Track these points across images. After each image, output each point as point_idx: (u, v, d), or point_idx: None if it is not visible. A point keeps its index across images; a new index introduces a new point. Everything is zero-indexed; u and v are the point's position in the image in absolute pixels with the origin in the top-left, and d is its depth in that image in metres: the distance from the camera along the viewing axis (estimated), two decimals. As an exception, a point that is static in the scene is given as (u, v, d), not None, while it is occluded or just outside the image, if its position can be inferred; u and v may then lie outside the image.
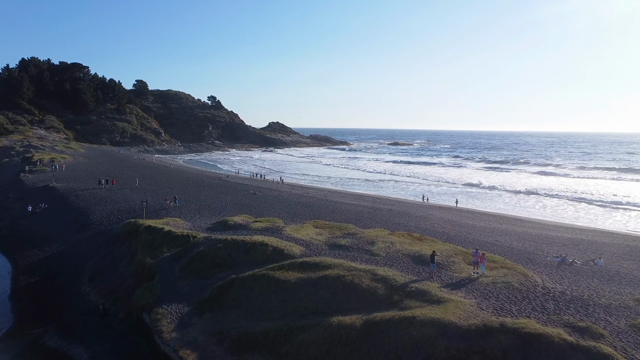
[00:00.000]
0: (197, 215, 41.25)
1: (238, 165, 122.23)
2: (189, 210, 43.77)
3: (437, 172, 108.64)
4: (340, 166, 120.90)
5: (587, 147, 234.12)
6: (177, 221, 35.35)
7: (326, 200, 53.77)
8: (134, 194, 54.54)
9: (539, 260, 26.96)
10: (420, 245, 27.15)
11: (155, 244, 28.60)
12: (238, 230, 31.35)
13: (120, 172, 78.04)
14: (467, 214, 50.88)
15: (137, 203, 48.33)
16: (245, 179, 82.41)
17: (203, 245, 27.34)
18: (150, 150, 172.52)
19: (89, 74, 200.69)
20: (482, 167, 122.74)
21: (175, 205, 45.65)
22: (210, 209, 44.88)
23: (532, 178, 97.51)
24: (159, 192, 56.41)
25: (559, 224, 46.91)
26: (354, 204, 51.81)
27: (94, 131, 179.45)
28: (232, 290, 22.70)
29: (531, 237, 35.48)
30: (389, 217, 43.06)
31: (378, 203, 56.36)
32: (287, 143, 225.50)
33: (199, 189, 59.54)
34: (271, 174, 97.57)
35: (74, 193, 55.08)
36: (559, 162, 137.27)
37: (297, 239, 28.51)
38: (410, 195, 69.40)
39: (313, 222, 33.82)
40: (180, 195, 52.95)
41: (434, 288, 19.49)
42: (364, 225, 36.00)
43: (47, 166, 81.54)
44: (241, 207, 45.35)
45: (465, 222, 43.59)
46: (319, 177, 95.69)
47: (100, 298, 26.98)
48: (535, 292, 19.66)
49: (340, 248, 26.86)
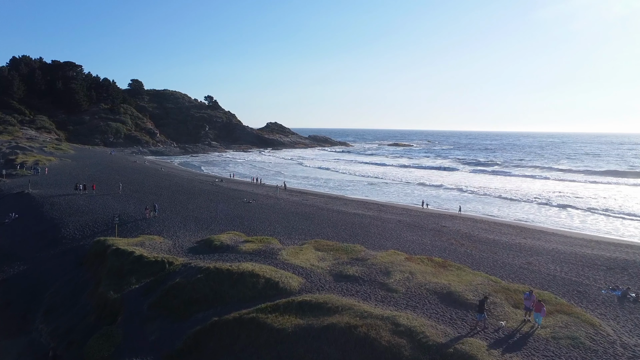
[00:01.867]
0: (182, 229, 36.20)
1: (233, 168, 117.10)
2: (173, 223, 38.71)
3: (438, 175, 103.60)
4: (340, 169, 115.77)
5: (594, 149, 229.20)
6: (154, 240, 30.21)
7: (327, 210, 48.78)
8: (116, 202, 49.48)
9: (593, 294, 21.97)
10: (446, 275, 22.14)
11: (123, 272, 23.52)
12: (225, 254, 26.29)
13: (107, 176, 72.93)
14: (482, 225, 45.95)
15: (118, 213, 43.38)
16: (240, 183, 77.35)
17: (180, 275, 22.28)
18: (145, 152, 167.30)
19: (82, 73, 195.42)
20: (482, 169, 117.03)
21: (155, 216, 40.71)
22: (198, 221, 39.82)
23: (535, 182, 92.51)
24: (144, 199, 51.37)
25: (588, 237, 41.87)
26: (358, 214, 46.84)
27: (87, 132, 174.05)
28: (212, 339, 17.71)
29: (567, 258, 30.52)
30: (398, 231, 38.07)
31: (383, 212, 51.41)
32: (285, 144, 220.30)
33: (188, 196, 54.46)
34: (268, 177, 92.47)
35: (49, 201, 49.95)
36: (568, 165, 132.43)
37: (295, 267, 23.50)
38: (415, 202, 64.34)
39: (314, 242, 28.81)
40: (166, 204, 47.90)
41: (480, 350, 14.46)
42: (374, 245, 31.02)
43: (30, 169, 76.43)
44: (232, 220, 40.31)
45: (484, 236, 38.66)
46: (318, 181, 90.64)
47: (52, 340, 21.92)
48: (615, 354, 14.69)
49: (348, 279, 21.84)
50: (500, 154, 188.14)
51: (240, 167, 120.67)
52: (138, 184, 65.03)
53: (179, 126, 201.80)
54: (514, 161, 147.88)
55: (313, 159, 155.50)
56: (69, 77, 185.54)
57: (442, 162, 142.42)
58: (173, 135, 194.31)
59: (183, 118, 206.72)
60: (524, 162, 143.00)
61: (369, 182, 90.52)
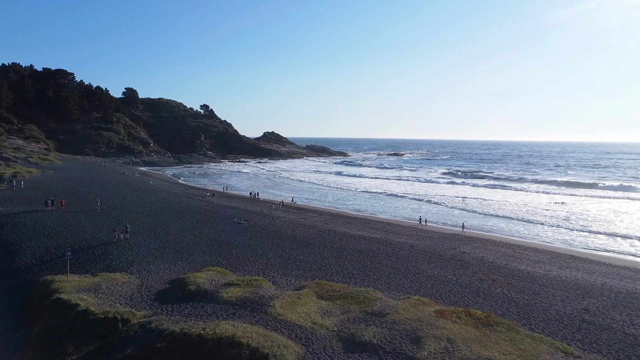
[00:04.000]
0: (156, 260, 30.29)
1: (226, 180, 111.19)
2: (149, 250, 32.79)
3: (437, 188, 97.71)
4: (338, 182, 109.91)
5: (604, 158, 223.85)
6: (116, 279, 24.23)
7: (328, 232, 42.93)
8: (89, 221, 43.54)
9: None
10: (497, 342, 16.26)
11: (60, 335, 17.60)
12: (200, 303, 20.36)
13: (87, 190, 66.97)
14: (504, 250, 40.18)
15: (89, 235, 37.52)
16: (233, 197, 71.44)
17: (134, 342, 16.32)
18: (137, 162, 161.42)
19: (74, 81, 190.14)
20: (486, 184, 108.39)
21: (126, 238, 35.01)
22: (178, 247, 33.91)
23: (541, 196, 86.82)
24: (123, 217, 45.47)
25: (634, 266, 36.03)
26: (363, 237, 41.02)
27: (78, 141, 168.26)
28: None
29: (627, 300, 24.67)
30: (414, 262, 32.23)
31: (390, 232, 45.65)
32: (282, 154, 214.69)
33: (172, 215, 48.57)
34: (263, 191, 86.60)
35: (13, 220, 43.95)
36: (575, 177, 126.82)
37: (292, 326, 17.60)
38: (415, 216, 58.50)
39: (316, 285, 22.91)
40: (146, 225, 42.04)
41: None
42: (389, 284, 25.19)
43: (5, 182, 70.43)
44: (218, 246, 34.41)
45: (514, 266, 32.85)
46: (315, 194, 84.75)
47: None
48: None
49: (364, 349, 15.95)
50: (501, 165, 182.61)
51: (234, 179, 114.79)
52: (120, 199, 59.09)
53: (174, 135, 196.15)
54: (518, 172, 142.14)
55: (310, 170, 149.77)
56: (60, 85, 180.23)
57: (442, 174, 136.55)
58: (168, 145, 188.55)
59: (178, 127, 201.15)
60: (528, 174, 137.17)
61: (369, 195, 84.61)
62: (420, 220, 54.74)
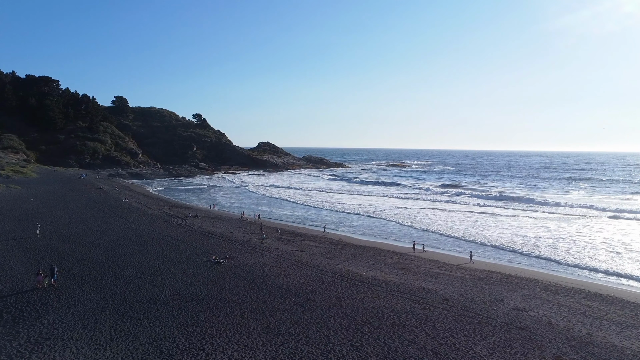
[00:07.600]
0: (81, 337, 20.39)
1: (215, 195, 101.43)
2: (79, 313, 22.91)
3: (440, 206, 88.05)
4: (336, 199, 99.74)
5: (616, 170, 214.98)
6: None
7: (332, 273, 33.15)
8: (18, 258, 33.50)
9: None
10: None
11: None
12: None
13: (48, 211, 57.07)
14: (564, 300, 30.50)
15: (4, 278, 27.64)
16: (219, 218, 61.55)
17: None
18: (124, 174, 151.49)
19: (58, 88, 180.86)
20: (491, 204, 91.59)
21: (51, 285, 25.72)
22: (123, 309, 24.03)
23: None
24: (66, 251, 35.58)
25: None
26: (377, 282, 31.24)
27: (61, 152, 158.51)
28: None
29: None
30: (459, 337, 22.41)
31: (410, 271, 36.14)
32: (277, 165, 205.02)
33: (135, 249, 38.63)
34: (254, 208, 76.76)
35: None
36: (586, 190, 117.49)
37: None
38: (450, 249, 48.88)
39: None
40: (96, 265, 32.16)
41: None
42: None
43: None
44: (180, 308, 24.50)
45: (604, 338, 23.13)
46: (314, 214, 74.94)
47: None
48: None
49: None
50: (507, 176, 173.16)
51: (224, 194, 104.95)
52: (78, 225, 49.13)
53: (165, 146, 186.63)
54: (529, 186, 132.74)
55: (306, 184, 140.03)
56: (43, 92, 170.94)
57: (443, 187, 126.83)
58: (158, 156, 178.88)
59: (170, 137, 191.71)
60: (539, 188, 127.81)
61: (371, 213, 74.63)
62: (414, 246, 46.42)
